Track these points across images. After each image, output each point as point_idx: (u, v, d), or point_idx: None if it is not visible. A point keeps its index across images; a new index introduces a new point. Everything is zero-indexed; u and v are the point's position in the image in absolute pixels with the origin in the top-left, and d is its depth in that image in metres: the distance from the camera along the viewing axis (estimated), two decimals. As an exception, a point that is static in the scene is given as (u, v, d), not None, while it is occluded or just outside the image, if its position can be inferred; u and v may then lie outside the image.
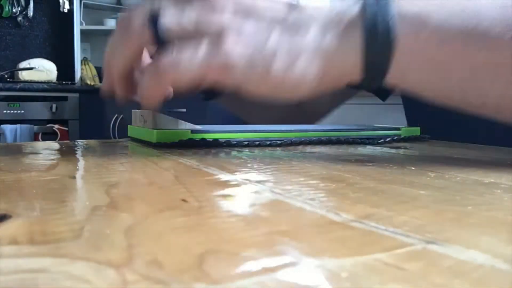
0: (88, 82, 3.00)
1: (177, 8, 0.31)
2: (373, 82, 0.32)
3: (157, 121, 0.41)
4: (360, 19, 0.30)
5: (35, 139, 2.60)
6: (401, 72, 0.32)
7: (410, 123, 0.72)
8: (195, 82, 0.30)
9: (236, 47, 0.29)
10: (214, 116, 1.47)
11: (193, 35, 0.30)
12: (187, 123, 0.42)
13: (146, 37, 0.31)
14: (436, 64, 0.31)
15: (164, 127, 0.41)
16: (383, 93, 0.35)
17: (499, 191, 0.22)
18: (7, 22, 3.05)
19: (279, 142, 0.43)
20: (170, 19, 0.30)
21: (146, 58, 0.36)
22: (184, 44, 0.30)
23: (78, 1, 3.02)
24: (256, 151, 0.38)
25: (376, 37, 0.30)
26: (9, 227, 0.15)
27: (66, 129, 2.73)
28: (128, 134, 0.46)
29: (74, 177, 0.26)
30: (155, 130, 0.39)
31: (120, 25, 0.34)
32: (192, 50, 0.29)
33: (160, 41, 0.31)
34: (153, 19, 0.30)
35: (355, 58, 0.31)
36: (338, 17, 0.31)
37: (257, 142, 0.42)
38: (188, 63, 0.29)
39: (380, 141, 0.47)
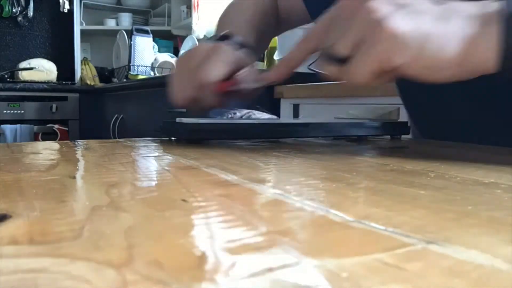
0: (88, 82, 3.00)
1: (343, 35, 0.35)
2: (507, 73, 0.35)
3: None
4: (497, 15, 0.34)
5: (35, 139, 2.60)
6: None
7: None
8: (374, 76, 0.35)
9: (398, 28, 0.33)
10: (215, 116, 1.46)
11: (360, 43, 0.35)
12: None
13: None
14: None
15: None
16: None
17: (499, 191, 0.22)
18: (7, 22, 3.05)
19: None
20: (339, 46, 0.35)
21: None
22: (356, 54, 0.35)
23: (78, 1, 3.02)
24: (256, 151, 0.38)
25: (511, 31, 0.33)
26: (9, 227, 0.15)
27: (66, 129, 2.73)
28: None
29: (74, 177, 0.26)
30: None
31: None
32: (364, 53, 0.34)
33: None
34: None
35: (492, 51, 0.34)
36: (479, 12, 0.35)
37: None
38: (364, 63, 0.34)
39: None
